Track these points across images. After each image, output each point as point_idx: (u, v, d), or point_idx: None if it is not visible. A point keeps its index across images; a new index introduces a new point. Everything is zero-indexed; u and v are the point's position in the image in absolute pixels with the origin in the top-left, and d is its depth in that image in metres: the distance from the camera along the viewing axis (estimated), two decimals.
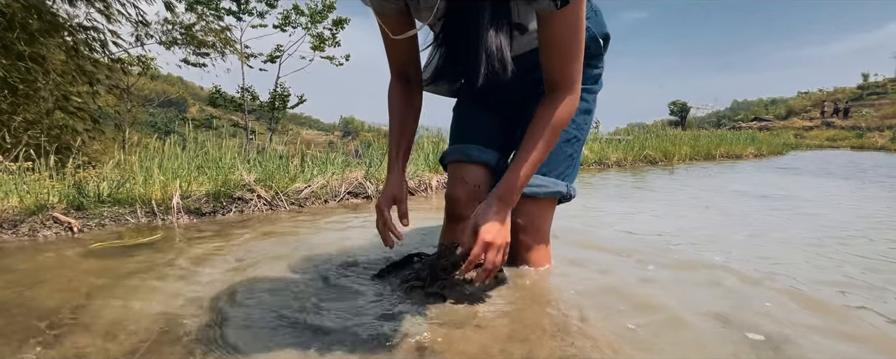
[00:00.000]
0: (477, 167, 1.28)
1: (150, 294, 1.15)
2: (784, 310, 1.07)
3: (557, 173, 1.25)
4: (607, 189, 3.52)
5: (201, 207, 2.23)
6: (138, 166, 2.25)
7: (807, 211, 2.59)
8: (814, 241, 1.83)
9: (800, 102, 36.73)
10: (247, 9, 11.92)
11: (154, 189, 2.16)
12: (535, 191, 1.21)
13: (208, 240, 1.74)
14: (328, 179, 2.83)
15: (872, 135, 19.94)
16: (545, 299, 1.12)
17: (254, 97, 12.79)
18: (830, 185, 3.97)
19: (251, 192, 2.43)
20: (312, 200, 2.63)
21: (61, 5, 3.80)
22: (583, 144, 1.34)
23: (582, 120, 1.28)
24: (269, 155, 2.81)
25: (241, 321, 0.97)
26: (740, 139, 8.92)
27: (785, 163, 6.81)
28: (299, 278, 1.26)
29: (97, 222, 1.95)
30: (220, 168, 2.48)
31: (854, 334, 0.96)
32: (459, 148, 1.30)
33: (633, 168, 5.36)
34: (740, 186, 3.81)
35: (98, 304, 1.08)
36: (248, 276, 1.28)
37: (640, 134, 7.51)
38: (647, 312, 1.05)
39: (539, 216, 1.26)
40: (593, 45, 1.21)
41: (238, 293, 1.14)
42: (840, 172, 5.27)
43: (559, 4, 0.86)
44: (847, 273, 1.39)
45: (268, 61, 12.82)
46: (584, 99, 1.26)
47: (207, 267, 1.38)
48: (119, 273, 1.31)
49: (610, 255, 1.55)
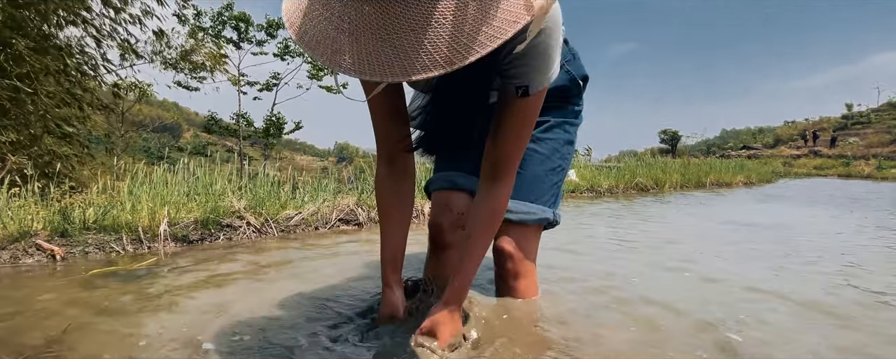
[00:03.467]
0: (462, 194, 1.29)
1: (130, 327, 1.12)
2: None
3: (544, 201, 1.27)
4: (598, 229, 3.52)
5: (189, 234, 2.20)
6: (127, 193, 2.22)
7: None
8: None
9: (787, 131, 37.58)
10: (246, 37, 12.15)
11: (141, 216, 2.13)
12: (524, 218, 1.23)
13: (194, 269, 1.71)
14: (319, 206, 2.81)
15: (858, 163, 20.32)
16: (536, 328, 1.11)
17: (249, 123, 12.86)
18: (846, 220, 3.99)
19: (240, 218, 2.40)
20: (303, 227, 2.61)
21: (51, 28, 3.84)
22: (566, 173, 1.38)
23: (566, 151, 1.33)
24: (260, 181, 2.80)
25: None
26: (730, 167, 9.04)
27: (778, 191, 6.89)
28: (282, 318, 1.24)
29: (81, 250, 1.91)
30: (209, 195, 2.46)
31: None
32: (445, 176, 1.31)
33: (625, 195, 5.39)
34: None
35: (75, 337, 1.05)
36: (229, 313, 1.25)
37: (631, 162, 7.60)
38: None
39: (526, 243, 1.27)
40: (573, 87, 1.29)
41: (218, 330, 1.11)
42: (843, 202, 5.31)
43: (520, 94, 0.89)
44: None
45: (263, 90, 12.97)
46: (567, 131, 1.32)
47: (191, 299, 1.35)
48: (99, 306, 1.28)
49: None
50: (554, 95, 1.23)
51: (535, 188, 1.25)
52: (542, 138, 1.27)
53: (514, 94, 0.89)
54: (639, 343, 1.05)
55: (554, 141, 1.28)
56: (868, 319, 1.24)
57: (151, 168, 2.52)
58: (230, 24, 11.75)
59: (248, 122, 12.80)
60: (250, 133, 13.07)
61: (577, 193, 5.24)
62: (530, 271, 1.30)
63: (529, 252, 1.29)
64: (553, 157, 1.28)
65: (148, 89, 11.82)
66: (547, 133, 1.27)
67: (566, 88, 1.26)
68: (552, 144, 1.27)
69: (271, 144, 13.20)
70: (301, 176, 3.91)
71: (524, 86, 0.88)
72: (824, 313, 1.29)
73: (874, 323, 1.21)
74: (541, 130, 1.26)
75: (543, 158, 1.27)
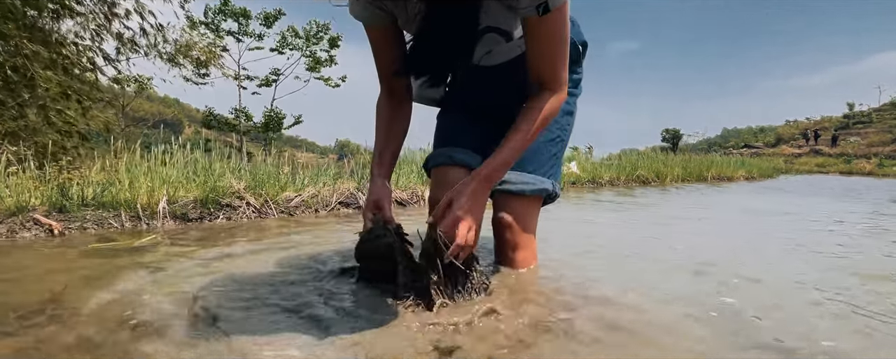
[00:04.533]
0: (461, 170, 1.25)
1: (128, 287, 1.10)
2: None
3: (543, 172, 1.26)
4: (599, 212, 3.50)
5: (188, 212, 2.18)
6: (125, 171, 2.21)
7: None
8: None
9: (788, 130, 37.51)
10: (247, 31, 12.12)
11: (140, 193, 2.11)
12: (523, 188, 1.21)
13: (194, 243, 1.69)
14: (319, 189, 2.80)
15: (859, 162, 20.28)
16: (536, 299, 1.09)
17: (248, 118, 12.83)
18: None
19: (240, 199, 2.39)
20: (303, 208, 2.59)
21: (45, 20, 3.80)
22: (566, 145, 1.35)
23: (565, 121, 1.31)
24: (259, 164, 2.78)
25: (223, 312, 0.93)
26: (731, 163, 9.03)
27: (778, 185, 6.87)
28: (285, 276, 1.22)
29: (79, 226, 1.90)
30: (209, 174, 2.44)
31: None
32: (443, 151, 1.29)
33: (627, 186, 5.38)
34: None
35: (72, 297, 1.03)
36: (229, 272, 1.24)
37: (632, 156, 7.58)
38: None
39: (525, 214, 1.25)
40: (573, 52, 1.25)
41: (217, 287, 1.09)
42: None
43: (541, 12, 0.88)
44: None
45: (263, 85, 12.93)
46: (566, 101, 1.27)
47: (189, 265, 1.33)
48: (98, 270, 1.27)
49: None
50: None
51: (533, 159, 1.23)
52: None
53: (537, 16, 0.89)
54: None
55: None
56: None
57: (148, 153, 2.50)
58: (231, 18, 11.73)
59: (247, 116, 12.77)
60: (249, 128, 13.03)
61: (578, 185, 5.22)
62: (529, 242, 1.28)
63: (528, 223, 1.27)
64: (552, 127, 1.26)
65: (148, 83, 11.83)
66: None
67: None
68: None
69: (271, 138, 13.16)
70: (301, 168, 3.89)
71: (543, 2, 0.86)
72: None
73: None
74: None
75: (542, 130, 1.24)
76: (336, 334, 0.82)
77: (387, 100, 1.15)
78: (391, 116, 1.15)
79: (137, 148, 2.43)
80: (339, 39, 12.37)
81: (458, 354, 0.76)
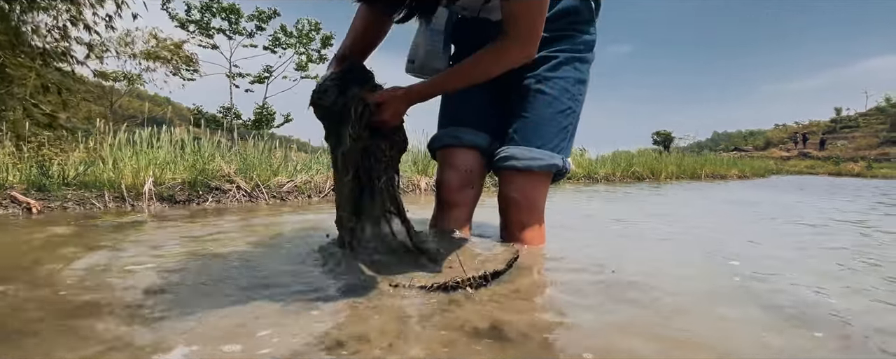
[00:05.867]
0: (468, 151, 1.20)
1: (108, 259, 1.03)
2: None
3: (552, 146, 1.16)
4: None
5: (175, 194, 2.10)
6: (108, 151, 2.12)
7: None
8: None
9: (777, 134, 37.92)
10: (237, 29, 11.95)
11: (124, 174, 2.03)
12: (530, 165, 1.12)
13: (180, 223, 1.62)
14: (313, 175, 2.72)
15: (848, 164, 20.55)
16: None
17: (237, 116, 12.64)
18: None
19: (230, 182, 2.30)
20: (295, 194, 2.51)
21: (14, 11, 3.66)
22: (578, 117, 1.25)
23: (576, 90, 1.20)
24: (249, 150, 2.70)
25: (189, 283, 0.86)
26: (724, 162, 9.05)
27: (772, 183, 6.89)
28: (264, 254, 1.15)
29: (59, 205, 1.81)
30: (198, 157, 2.36)
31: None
32: (450, 132, 1.22)
33: (622, 182, 5.35)
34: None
35: (48, 269, 0.96)
36: (209, 250, 1.17)
37: (627, 155, 7.57)
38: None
39: (533, 192, 1.17)
40: (584, 9, 1.17)
41: (189, 264, 1.02)
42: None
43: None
44: None
45: (256, 82, 12.77)
46: (577, 68, 1.19)
47: (174, 239, 1.26)
48: (76, 244, 1.19)
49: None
50: (562, 19, 1.14)
51: (542, 132, 1.14)
52: (549, 78, 1.15)
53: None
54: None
55: (563, 80, 1.16)
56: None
57: (132, 135, 2.40)
58: (220, 16, 11.56)
59: (236, 115, 12.60)
60: (239, 126, 12.85)
61: (574, 180, 5.19)
62: (537, 221, 1.21)
63: (536, 202, 1.19)
64: (562, 98, 1.16)
65: (137, 78, 11.64)
66: (555, 71, 1.16)
67: (576, 10, 1.15)
68: (561, 83, 1.15)
69: (263, 134, 12.98)
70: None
71: None
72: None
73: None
74: (548, 67, 1.15)
75: (551, 100, 1.15)
76: (307, 310, 0.74)
77: (365, 8, 1.06)
78: (367, 21, 1.07)
79: (123, 131, 2.34)
80: (331, 38, 12.27)
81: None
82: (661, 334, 0.64)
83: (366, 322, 0.65)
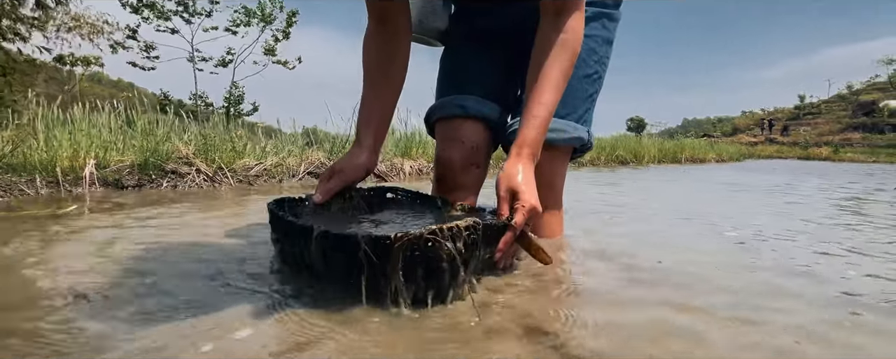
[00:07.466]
0: (475, 123, 0.98)
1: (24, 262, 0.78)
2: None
3: (577, 116, 0.98)
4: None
5: (123, 178, 1.82)
6: (42, 127, 1.82)
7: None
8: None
9: (744, 121, 39.12)
10: (194, 9, 11.20)
11: (60, 155, 1.73)
12: (553, 137, 0.92)
13: (120, 212, 1.36)
14: (283, 157, 2.46)
15: (815, 148, 21.35)
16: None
17: (207, 104, 11.99)
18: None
19: (188, 165, 2.03)
20: (265, 178, 2.25)
21: None
22: (602, 83, 1.06)
23: (604, 52, 1.02)
24: (211, 129, 2.42)
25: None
26: (702, 146, 9.12)
27: (752, 166, 6.95)
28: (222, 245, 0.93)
29: None
30: (150, 136, 2.07)
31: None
32: (452, 100, 1.00)
33: (606, 166, 5.26)
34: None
35: None
36: (152, 242, 0.93)
37: (611, 140, 7.51)
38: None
39: (552, 169, 0.98)
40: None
41: (126, 259, 0.79)
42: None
43: None
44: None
45: (219, 65, 12.10)
46: (605, 27, 1.01)
47: (105, 234, 1.02)
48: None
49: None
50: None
51: (566, 100, 0.92)
52: None
53: None
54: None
55: (590, 39, 0.96)
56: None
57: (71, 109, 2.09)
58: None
59: (205, 103, 11.94)
60: (209, 114, 12.21)
61: None
62: (555, 204, 1.01)
63: (556, 179, 1.01)
64: (589, 60, 0.98)
65: (96, 61, 10.89)
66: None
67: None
68: (588, 42, 0.96)
69: (234, 116, 12.41)
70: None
71: None
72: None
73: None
74: None
75: (578, 62, 0.91)
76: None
77: (376, 33, 0.87)
78: (382, 54, 0.87)
79: (57, 106, 2.03)
80: (295, 15, 11.67)
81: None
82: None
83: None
